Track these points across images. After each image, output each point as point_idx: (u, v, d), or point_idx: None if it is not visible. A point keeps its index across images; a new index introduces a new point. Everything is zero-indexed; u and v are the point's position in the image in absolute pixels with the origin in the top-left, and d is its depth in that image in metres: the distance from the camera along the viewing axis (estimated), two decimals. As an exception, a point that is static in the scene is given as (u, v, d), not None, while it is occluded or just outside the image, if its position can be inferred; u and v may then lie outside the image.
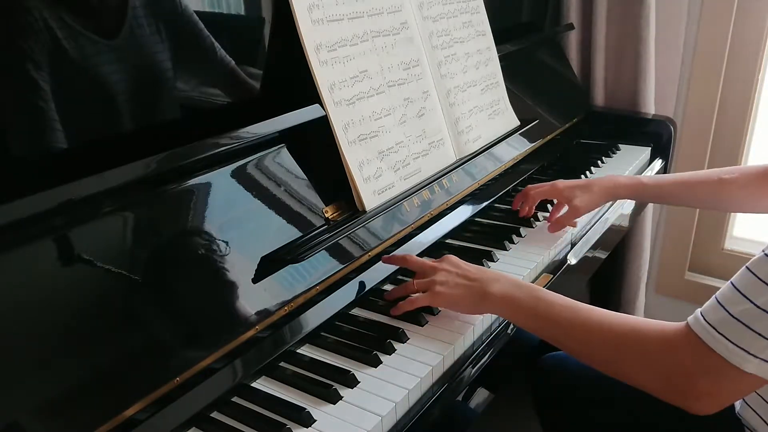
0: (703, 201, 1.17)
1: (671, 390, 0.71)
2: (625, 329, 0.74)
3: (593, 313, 0.77)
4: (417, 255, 1.02)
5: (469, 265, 0.90)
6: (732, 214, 1.82)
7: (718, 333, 0.66)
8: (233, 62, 0.90)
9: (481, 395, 0.88)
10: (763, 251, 0.65)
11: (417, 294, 0.89)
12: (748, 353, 0.64)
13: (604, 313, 0.77)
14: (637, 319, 0.75)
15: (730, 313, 0.65)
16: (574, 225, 1.16)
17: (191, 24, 0.84)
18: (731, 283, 0.67)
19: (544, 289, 0.84)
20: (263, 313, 0.78)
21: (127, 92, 0.77)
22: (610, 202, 1.33)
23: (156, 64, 0.81)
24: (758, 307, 0.64)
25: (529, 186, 1.20)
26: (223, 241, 0.79)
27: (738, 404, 0.88)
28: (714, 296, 0.68)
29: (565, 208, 1.15)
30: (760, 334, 0.63)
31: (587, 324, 0.77)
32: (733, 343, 0.65)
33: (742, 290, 0.65)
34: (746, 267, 0.66)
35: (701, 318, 0.68)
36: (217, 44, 0.88)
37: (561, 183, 1.17)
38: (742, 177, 1.07)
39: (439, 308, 0.90)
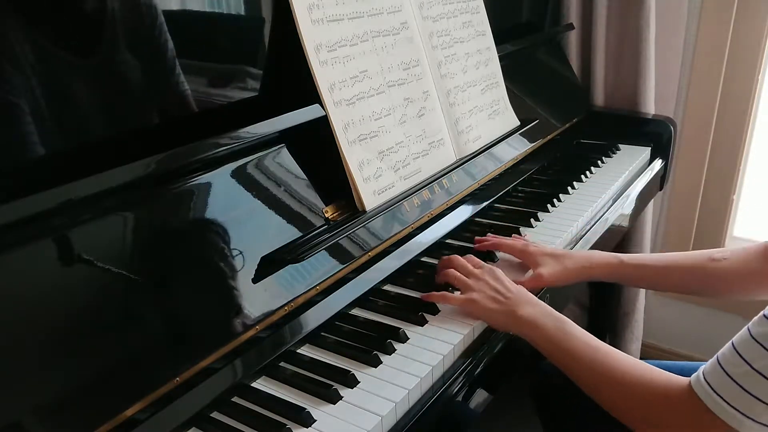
0: (691, 286, 1.05)
1: None
2: (635, 376, 0.75)
3: (610, 357, 0.79)
4: (417, 255, 1.03)
5: (511, 283, 0.91)
6: (732, 214, 1.82)
7: (717, 395, 0.66)
8: (234, 62, 0.90)
9: (481, 395, 0.88)
10: (762, 313, 0.65)
11: (455, 293, 0.92)
12: (746, 417, 0.64)
13: (621, 357, 0.78)
14: (648, 368, 0.76)
15: (729, 375, 0.65)
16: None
17: (193, 23, 0.84)
18: (732, 343, 0.67)
19: (572, 322, 0.84)
20: (263, 313, 0.78)
21: (127, 92, 0.77)
22: (610, 203, 1.33)
23: (156, 63, 0.80)
24: (756, 371, 0.63)
25: (500, 238, 1.07)
26: (223, 241, 0.79)
27: None
28: (716, 355, 0.68)
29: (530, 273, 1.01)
30: (758, 398, 0.63)
31: (602, 367, 0.79)
32: (731, 406, 0.65)
33: (741, 352, 0.65)
34: (747, 328, 0.66)
35: (702, 378, 0.68)
36: (218, 44, 0.88)
37: (533, 247, 1.03)
38: (734, 258, 0.97)
39: (439, 310, 0.91)
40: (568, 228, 1.17)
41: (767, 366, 0.63)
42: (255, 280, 0.79)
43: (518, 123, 1.37)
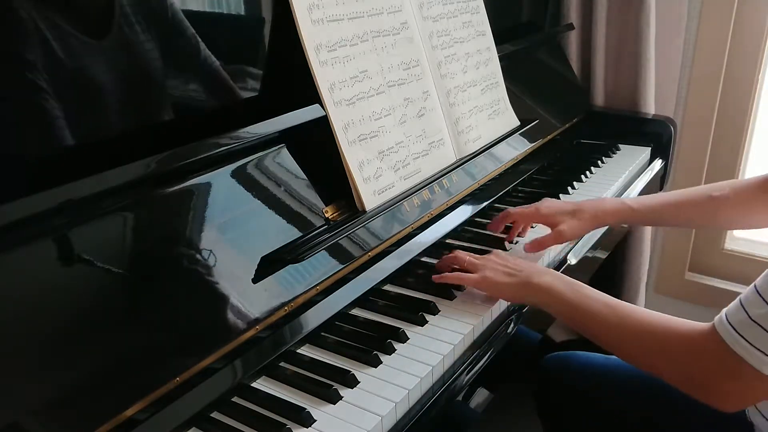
0: (694, 221, 1.14)
1: (696, 388, 0.73)
2: (656, 327, 0.76)
3: (629, 311, 0.79)
4: (417, 255, 1.03)
5: (518, 259, 0.95)
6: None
7: (738, 334, 0.67)
8: (234, 62, 0.90)
9: (481, 395, 0.88)
10: None
11: (466, 273, 0.94)
12: (766, 355, 0.64)
13: (639, 311, 0.79)
14: (669, 319, 0.76)
15: (749, 315, 0.66)
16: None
17: (194, 24, 0.84)
18: (754, 285, 0.68)
19: (586, 285, 0.86)
20: (263, 313, 0.78)
21: (127, 92, 0.77)
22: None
23: (156, 63, 0.80)
24: None
25: (510, 209, 1.11)
26: (223, 241, 0.79)
27: (749, 409, 0.87)
28: (738, 297, 0.69)
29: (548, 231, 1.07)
30: None
31: (622, 322, 0.79)
32: (751, 344, 0.65)
33: (762, 293, 0.66)
34: None
35: (725, 318, 0.69)
36: (218, 44, 0.88)
37: (545, 208, 1.09)
38: (732, 193, 1.03)
39: (439, 310, 0.91)
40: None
41: None
42: (255, 280, 0.79)
43: (518, 123, 1.37)
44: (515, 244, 1.11)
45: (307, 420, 0.70)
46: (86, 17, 0.72)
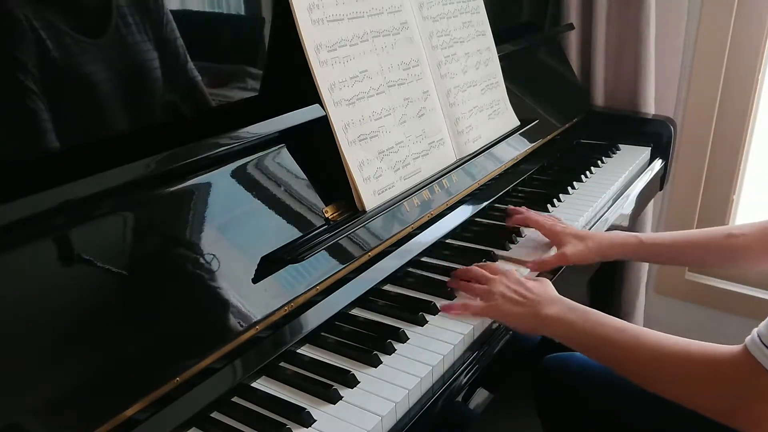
0: (709, 261, 1.10)
1: (724, 412, 0.70)
2: (676, 352, 0.73)
3: (645, 337, 0.77)
4: (417, 255, 1.03)
5: (529, 282, 0.91)
6: (732, 214, 1.82)
7: None
8: (234, 62, 0.90)
9: (481, 395, 0.88)
10: None
11: (475, 301, 0.91)
12: None
13: (655, 337, 0.77)
14: (689, 343, 0.74)
15: None
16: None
17: (194, 24, 0.84)
18: None
19: (596, 311, 0.84)
20: (263, 313, 0.78)
21: (127, 92, 0.77)
22: (610, 203, 1.33)
23: (156, 64, 0.80)
24: None
25: (532, 214, 1.14)
26: (223, 241, 0.79)
27: None
28: None
29: (553, 250, 1.08)
30: None
31: (640, 348, 0.77)
32: None
33: None
34: None
35: (757, 339, 0.67)
36: (218, 44, 0.88)
37: (560, 226, 1.10)
38: (752, 233, 0.99)
39: (439, 310, 0.91)
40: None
41: None
42: (255, 280, 0.79)
43: (518, 123, 1.37)
44: (518, 242, 1.12)
45: (307, 420, 0.70)
46: (83, 16, 0.72)
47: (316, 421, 0.71)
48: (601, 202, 1.32)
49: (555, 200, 1.27)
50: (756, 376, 0.65)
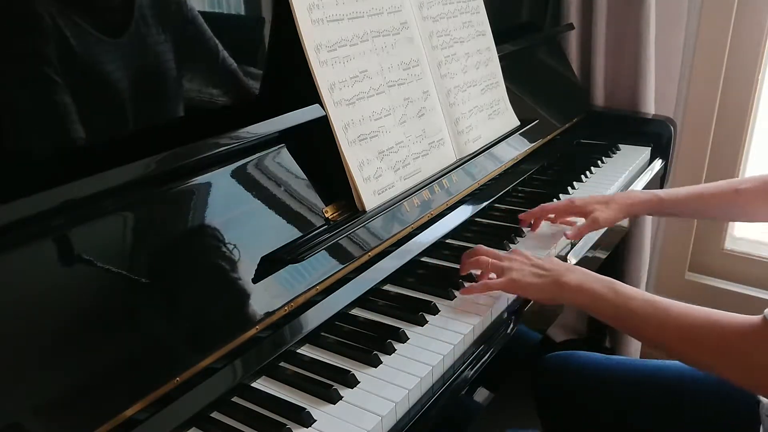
0: (719, 213, 1.17)
1: (751, 381, 0.73)
2: (702, 322, 0.75)
3: (671, 307, 0.78)
4: (417, 255, 1.03)
5: (544, 259, 0.93)
6: (732, 214, 1.82)
7: None
8: (234, 62, 0.90)
9: (481, 395, 0.88)
10: None
11: (492, 278, 0.92)
12: None
13: (681, 306, 0.78)
14: (714, 312, 0.75)
15: None
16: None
17: (193, 24, 0.84)
18: None
19: (619, 282, 0.84)
20: (263, 313, 0.78)
21: (127, 92, 0.77)
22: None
23: (156, 64, 0.80)
24: None
25: (546, 204, 1.17)
26: (223, 241, 0.79)
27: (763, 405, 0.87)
28: None
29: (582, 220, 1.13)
30: None
31: (666, 318, 0.78)
32: None
33: None
34: None
35: None
36: (218, 44, 0.88)
37: (578, 200, 1.15)
38: (756, 186, 1.06)
39: (439, 310, 0.91)
40: (568, 228, 1.16)
41: None
42: (255, 280, 0.79)
43: (518, 123, 1.37)
44: (518, 242, 1.12)
45: (307, 420, 0.70)
46: (91, 18, 0.72)
47: (316, 421, 0.71)
48: (601, 202, 1.31)
49: (555, 200, 1.27)
50: None
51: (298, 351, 0.83)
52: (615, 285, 0.84)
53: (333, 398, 0.73)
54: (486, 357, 0.86)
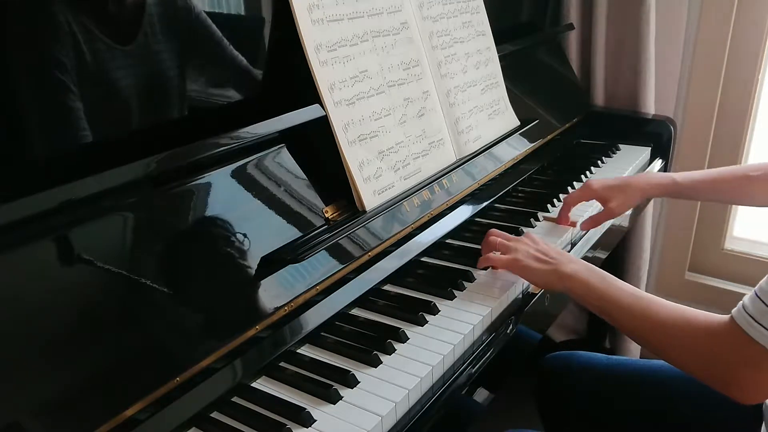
0: (731, 198, 1.22)
1: (715, 379, 0.74)
2: (675, 318, 0.77)
3: (653, 303, 0.80)
4: (417, 255, 1.03)
5: (547, 244, 0.96)
6: (732, 214, 1.82)
7: (757, 323, 0.67)
8: (234, 62, 0.90)
9: (481, 395, 0.88)
10: None
11: (497, 255, 0.96)
12: None
13: (661, 303, 0.80)
14: (687, 310, 0.77)
15: (766, 305, 0.67)
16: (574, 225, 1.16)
17: (196, 25, 0.84)
18: None
19: (612, 276, 0.87)
20: (263, 313, 0.78)
21: (126, 93, 0.77)
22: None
23: (156, 64, 0.80)
24: None
25: (568, 197, 1.18)
26: (222, 241, 0.79)
27: None
28: (753, 289, 0.70)
29: (598, 208, 1.17)
30: None
31: (645, 312, 0.80)
32: None
33: None
34: None
35: (743, 310, 0.70)
36: (219, 44, 0.88)
37: (595, 183, 1.16)
38: (767, 173, 1.09)
39: (439, 310, 0.90)
40: (568, 228, 1.16)
41: None
42: (255, 280, 0.79)
43: (518, 123, 1.37)
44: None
45: (307, 420, 0.70)
46: (91, 21, 0.72)
47: (316, 421, 0.71)
48: (601, 202, 1.31)
49: (555, 200, 1.27)
50: (743, 344, 0.68)
51: (298, 351, 0.83)
52: (607, 278, 0.86)
53: (333, 398, 0.73)
54: (486, 357, 0.86)
